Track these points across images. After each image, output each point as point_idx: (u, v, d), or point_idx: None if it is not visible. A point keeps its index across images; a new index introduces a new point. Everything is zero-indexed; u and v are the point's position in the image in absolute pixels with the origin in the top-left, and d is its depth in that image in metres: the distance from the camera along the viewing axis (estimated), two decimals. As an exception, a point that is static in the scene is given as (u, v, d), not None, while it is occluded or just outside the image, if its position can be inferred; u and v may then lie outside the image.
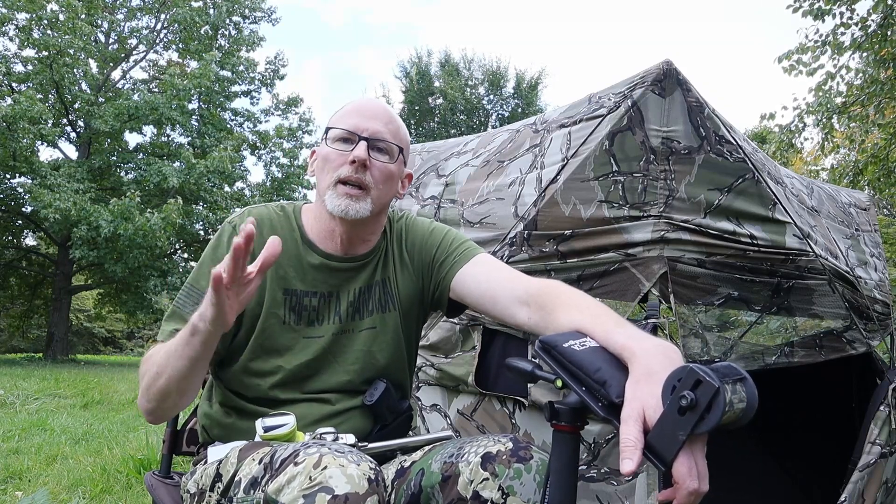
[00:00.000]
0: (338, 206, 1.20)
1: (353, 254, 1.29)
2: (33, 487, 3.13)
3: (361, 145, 1.21)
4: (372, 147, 1.22)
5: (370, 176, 1.22)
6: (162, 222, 13.50)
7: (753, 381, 0.75)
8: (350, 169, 1.20)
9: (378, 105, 1.28)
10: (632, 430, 0.74)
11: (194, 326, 1.01)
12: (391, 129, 1.26)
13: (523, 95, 21.89)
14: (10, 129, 13.45)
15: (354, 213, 1.20)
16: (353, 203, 1.20)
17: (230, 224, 1.28)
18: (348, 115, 1.25)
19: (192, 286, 1.22)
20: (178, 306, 1.21)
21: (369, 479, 0.89)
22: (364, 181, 1.21)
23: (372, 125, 1.23)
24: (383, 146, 1.24)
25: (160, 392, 1.09)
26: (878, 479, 2.12)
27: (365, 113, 1.25)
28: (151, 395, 1.10)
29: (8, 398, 6.29)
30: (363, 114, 1.24)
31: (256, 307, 1.24)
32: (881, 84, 7.00)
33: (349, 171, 1.20)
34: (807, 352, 2.21)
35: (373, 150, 1.22)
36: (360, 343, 1.28)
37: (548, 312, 1.05)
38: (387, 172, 1.24)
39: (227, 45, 18.19)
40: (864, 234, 2.69)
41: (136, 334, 31.37)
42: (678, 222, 1.92)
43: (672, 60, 1.96)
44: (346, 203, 1.20)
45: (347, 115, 1.25)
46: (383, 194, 1.25)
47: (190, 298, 1.20)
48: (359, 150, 1.20)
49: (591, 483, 1.80)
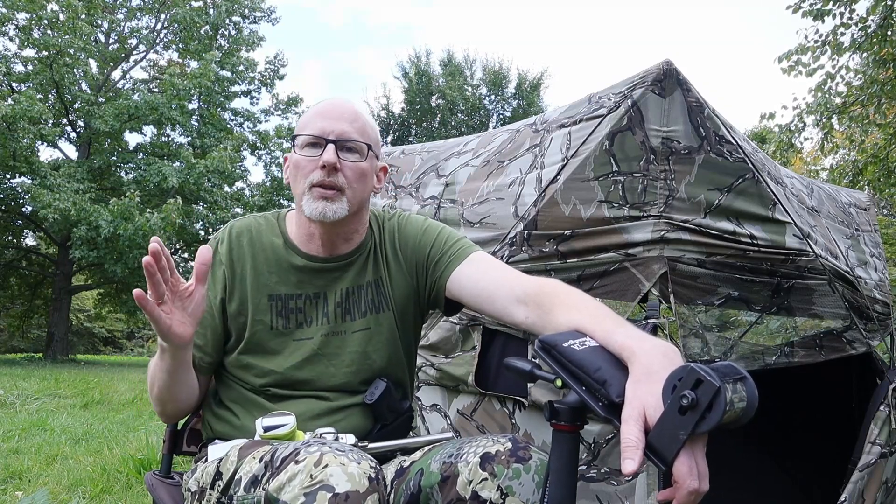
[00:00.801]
0: (315, 209, 1.20)
1: (337, 253, 1.30)
2: (33, 487, 3.13)
3: (329, 149, 1.20)
4: (340, 148, 1.22)
5: (342, 177, 1.22)
6: (162, 222, 13.50)
7: (753, 381, 0.75)
8: (321, 173, 1.20)
9: (342, 105, 1.27)
10: (633, 430, 0.74)
11: (160, 344, 1.11)
12: (357, 128, 1.25)
13: (525, 96, 21.88)
14: (10, 129, 13.45)
15: (332, 215, 1.20)
16: (330, 205, 1.20)
17: (215, 240, 1.31)
18: (313, 120, 1.25)
19: None
20: None
21: (370, 478, 0.89)
22: (337, 183, 1.21)
23: (338, 126, 1.23)
24: (352, 146, 1.24)
25: (157, 399, 1.24)
26: (878, 479, 2.12)
27: (330, 115, 1.24)
28: (153, 400, 1.26)
29: (8, 398, 6.29)
30: (328, 116, 1.24)
31: (240, 316, 1.26)
32: (881, 84, 7.00)
33: (321, 176, 1.20)
34: (807, 352, 2.21)
35: (342, 150, 1.22)
36: (355, 345, 1.28)
37: (546, 312, 1.05)
38: (359, 171, 1.24)
39: (226, 45, 18.20)
40: (864, 234, 2.69)
41: (136, 334, 31.38)
42: (678, 222, 1.92)
43: (672, 60, 1.96)
44: (322, 206, 1.20)
45: (312, 120, 1.25)
46: (358, 193, 1.25)
47: None
48: (327, 154, 1.20)
49: (591, 483, 1.80)
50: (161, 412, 1.29)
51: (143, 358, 24.25)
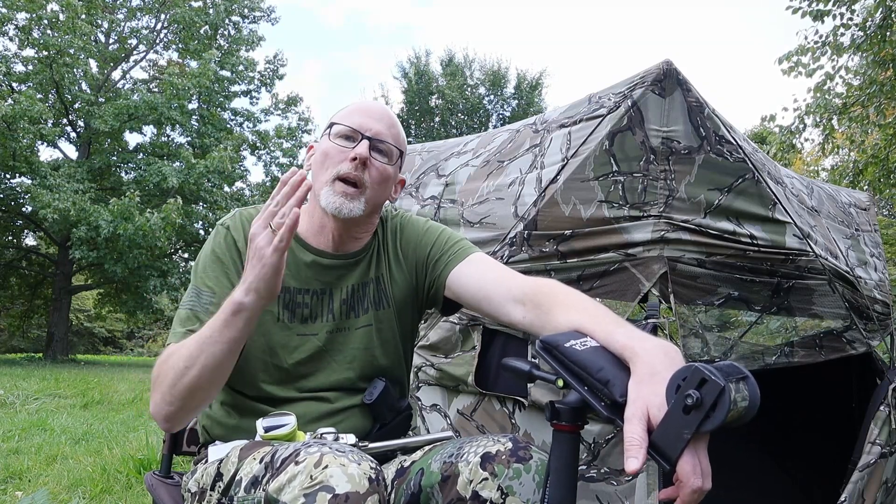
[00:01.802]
0: (332, 203, 1.21)
1: (345, 251, 1.30)
2: (33, 487, 3.13)
3: (364, 143, 1.22)
4: (373, 147, 1.23)
5: (368, 175, 1.23)
6: (162, 222, 13.50)
7: (755, 380, 0.75)
8: (350, 166, 1.21)
9: (382, 108, 1.30)
10: (636, 430, 0.75)
11: (238, 304, 1.04)
12: (393, 133, 1.27)
13: (524, 96, 21.87)
14: (10, 129, 13.44)
15: (347, 212, 1.21)
16: (347, 202, 1.21)
17: (223, 226, 1.29)
18: (353, 114, 1.26)
19: (200, 288, 1.21)
20: (190, 308, 1.19)
21: (370, 479, 0.89)
22: (362, 179, 1.21)
23: (375, 126, 1.25)
24: (384, 147, 1.26)
25: (189, 388, 1.05)
26: (878, 479, 2.12)
27: (370, 113, 1.26)
28: (176, 394, 1.06)
29: (8, 398, 6.29)
30: (368, 114, 1.26)
31: None
32: (881, 85, 7.00)
33: (349, 168, 1.21)
34: (807, 352, 2.21)
35: (374, 150, 1.24)
36: (357, 341, 1.28)
37: (544, 312, 1.05)
38: (385, 174, 1.25)
39: (226, 45, 18.20)
40: (864, 234, 2.69)
41: (136, 334, 31.38)
42: (678, 222, 1.92)
43: (672, 60, 1.96)
44: (340, 201, 1.20)
45: (352, 114, 1.26)
46: (377, 195, 1.26)
47: (201, 299, 1.20)
48: (361, 147, 1.21)
49: (590, 483, 1.80)
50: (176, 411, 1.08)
51: (143, 358, 24.25)
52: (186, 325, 1.17)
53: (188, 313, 1.18)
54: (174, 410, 1.09)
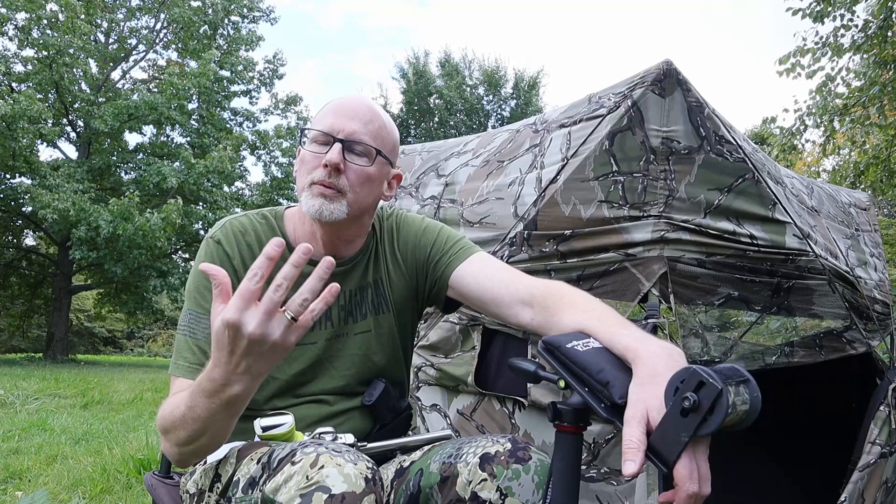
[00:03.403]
0: (311, 206, 1.14)
1: (339, 256, 1.25)
2: (33, 487, 3.12)
3: (335, 148, 1.14)
4: (347, 149, 1.16)
5: (345, 179, 1.15)
6: (161, 222, 13.49)
7: (756, 384, 0.74)
8: (323, 172, 1.14)
9: (359, 103, 1.20)
10: (635, 432, 0.74)
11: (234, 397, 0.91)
12: (371, 130, 1.18)
13: (522, 95, 21.88)
14: (10, 128, 13.43)
15: (329, 215, 1.14)
16: (328, 203, 1.14)
17: (213, 240, 1.22)
18: (327, 115, 1.18)
19: (198, 312, 1.15)
20: (188, 335, 1.14)
21: (366, 479, 0.88)
22: (337, 185, 1.15)
23: (349, 126, 1.16)
24: (360, 149, 1.17)
25: (200, 449, 0.99)
26: (878, 479, 2.12)
27: (344, 112, 1.18)
28: (187, 452, 1.00)
29: (8, 398, 6.29)
30: (341, 113, 1.18)
31: None
32: (882, 86, 6.99)
33: (322, 175, 1.14)
34: (807, 352, 2.21)
35: (349, 152, 1.16)
36: (356, 347, 1.27)
37: (551, 314, 1.05)
38: (363, 175, 1.17)
39: (225, 45, 18.19)
40: (864, 234, 2.69)
41: (136, 334, 31.39)
42: (678, 222, 1.91)
43: (672, 60, 1.96)
44: (319, 203, 1.14)
45: (326, 115, 1.18)
46: (361, 197, 1.18)
47: (199, 324, 1.14)
48: (331, 153, 1.14)
49: (591, 483, 1.80)
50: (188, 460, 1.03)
51: (143, 358, 24.26)
52: (187, 354, 1.12)
53: (187, 343, 1.13)
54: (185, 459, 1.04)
